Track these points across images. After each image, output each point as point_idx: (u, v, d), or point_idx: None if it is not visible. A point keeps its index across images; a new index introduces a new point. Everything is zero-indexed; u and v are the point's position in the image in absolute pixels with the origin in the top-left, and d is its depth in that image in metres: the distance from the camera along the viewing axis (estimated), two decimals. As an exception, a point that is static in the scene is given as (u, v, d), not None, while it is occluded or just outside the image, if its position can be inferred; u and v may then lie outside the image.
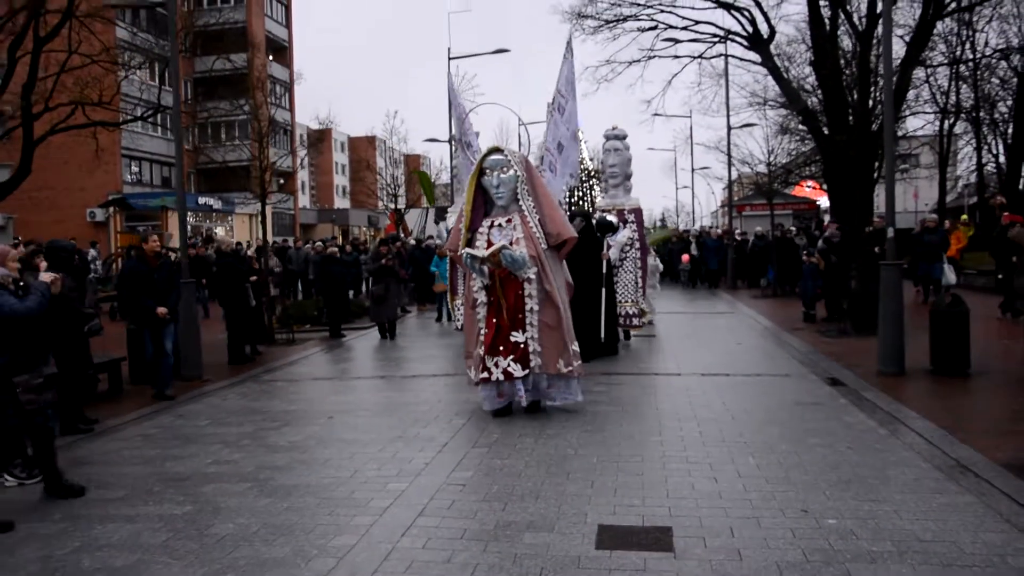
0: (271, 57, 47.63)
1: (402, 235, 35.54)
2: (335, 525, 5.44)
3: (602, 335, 12.24)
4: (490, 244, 8.58)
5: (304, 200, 69.78)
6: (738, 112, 46.56)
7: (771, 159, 37.29)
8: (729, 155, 32.12)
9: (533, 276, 8.49)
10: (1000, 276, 15.19)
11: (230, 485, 6.52)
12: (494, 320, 8.58)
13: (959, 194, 48.60)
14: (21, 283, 6.30)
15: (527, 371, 8.47)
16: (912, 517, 5.22)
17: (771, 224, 32.97)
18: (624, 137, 15.47)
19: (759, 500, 5.64)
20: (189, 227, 39.81)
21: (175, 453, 7.66)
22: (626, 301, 13.88)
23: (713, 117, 41.88)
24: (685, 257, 28.20)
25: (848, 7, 27.02)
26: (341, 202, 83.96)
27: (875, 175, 26.65)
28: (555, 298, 8.52)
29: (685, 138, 54.33)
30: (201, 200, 46.27)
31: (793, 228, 28.00)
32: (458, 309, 9.03)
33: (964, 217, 25.44)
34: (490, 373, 8.48)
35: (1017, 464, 6.24)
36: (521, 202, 8.79)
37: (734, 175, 36.97)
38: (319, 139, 40.28)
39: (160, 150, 46.77)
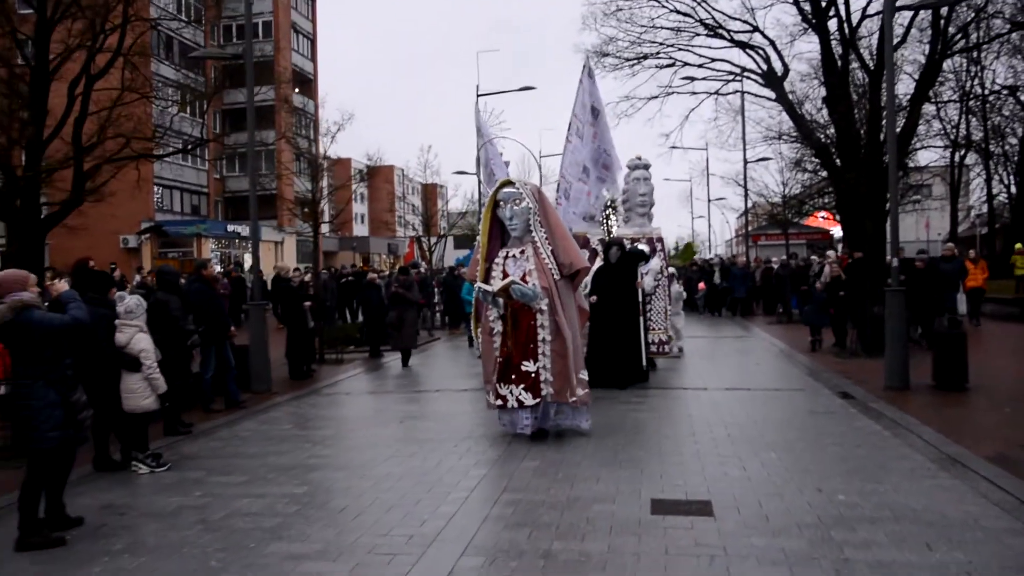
0: (296, 90, 49.25)
1: (421, 262, 36.88)
2: (435, 500, 6.65)
3: (644, 361, 12.64)
4: (505, 275, 8.84)
5: (324, 228, 71.33)
6: (753, 146, 47.90)
7: (785, 191, 38.49)
8: (746, 188, 33.18)
9: (545, 307, 8.66)
10: None
11: (332, 473, 7.76)
12: (506, 349, 8.84)
13: (971, 224, 49.65)
14: (46, 303, 6.60)
15: (538, 400, 8.64)
16: (907, 494, 6.40)
17: (786, 253, 33.97)
18: (649, 166, 16.46)
19: (781, 482, 6.83)
20: (218, 253, 40.25)
21: (273, 450, 8.89)
22: (659, 328, 14.71)
23: (729, 151, 43.06)
24: (701, 285, 28.99)
25: (858, 45, 28.35)
26: (360, 230, 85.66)
27: (886, 206, 27.80)
28: (563, 329, 8.68)
29: (701, 170, 55.70)
30: (230, 228, 48.02)
31: (815, 257, 28.78)
32: (478, 337, 9.80)
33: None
34: (505, 401, 8.76)
35: (998, 458, 7.41)
36: (534, 233, 8.99)
37: (749, 205, 38.16)
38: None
39: (191, 179, 48.45)
